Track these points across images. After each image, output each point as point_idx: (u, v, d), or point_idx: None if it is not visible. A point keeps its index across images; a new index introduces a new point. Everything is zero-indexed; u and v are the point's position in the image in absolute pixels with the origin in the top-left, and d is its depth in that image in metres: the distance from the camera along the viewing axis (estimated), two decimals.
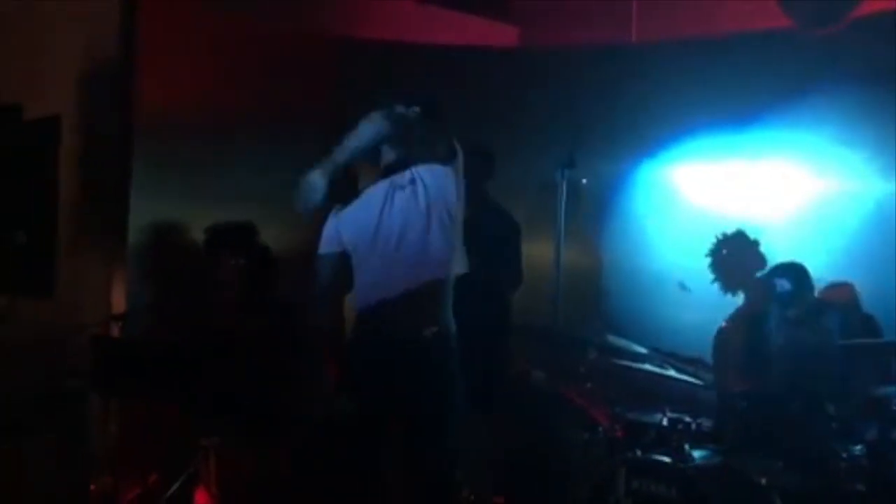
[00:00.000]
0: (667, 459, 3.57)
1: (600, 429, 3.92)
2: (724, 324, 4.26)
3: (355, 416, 3.18)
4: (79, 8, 4.20)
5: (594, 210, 4.78)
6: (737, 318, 4.26)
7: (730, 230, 4.50)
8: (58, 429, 3.98)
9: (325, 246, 3.30)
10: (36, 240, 3.96)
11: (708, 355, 4.12)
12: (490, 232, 4.00)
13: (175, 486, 3.62)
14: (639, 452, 3.66)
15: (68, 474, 3.91)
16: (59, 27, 4.20)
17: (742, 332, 4.07)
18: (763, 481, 3.44)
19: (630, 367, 3.87)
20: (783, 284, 3.85)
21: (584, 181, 4.14)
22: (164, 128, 4.35)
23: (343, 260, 3.26)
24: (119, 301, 4.12)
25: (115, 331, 3.86)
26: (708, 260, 4.52)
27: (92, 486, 3.81)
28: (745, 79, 4.58)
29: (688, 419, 3.69)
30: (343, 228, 3.26)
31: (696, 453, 3.63)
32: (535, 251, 4.34)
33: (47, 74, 4.19)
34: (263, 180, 4.59)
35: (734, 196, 4.71)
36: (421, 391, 3.12)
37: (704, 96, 4.62)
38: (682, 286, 4.63)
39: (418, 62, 4.92)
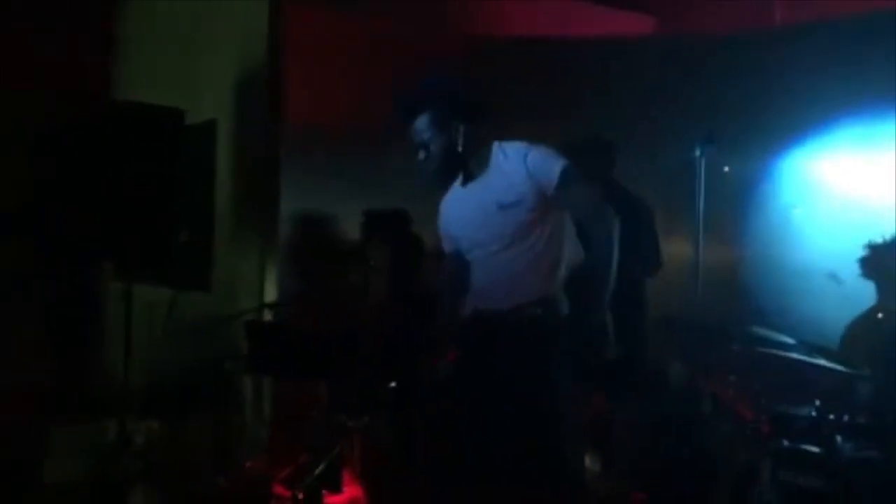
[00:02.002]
0: (816, 450, 3.43)
1: (745, 423, 3.80)
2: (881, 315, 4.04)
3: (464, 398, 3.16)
4: (232, 20, 4.50)
5: (737, 198, 4.65)
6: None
7: None
8: (216, 410, 4.22)
9: (445, 243, 3.31)
10: (196, 238, 4.25)
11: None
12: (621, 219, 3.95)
13: (322, 466, 3.75)
14: (786, 443, 3.53)
15: (225, 452, 4.14)
16: (214, 37, 4.50)
17: None
18: None
19: (777, 357, 3.73)
20: None
21: (727, 169, 4.03)
22: (311, 130, 4.58)
23: (460, 256, 3.24)
24: (271, 291, 4.35)
25: (268, 317, 4.08)
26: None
27: (247, 464, 4.02)
28: None
29: (840, 410, 3.53)
30: (450, 224, 3.26)
31: (849, 446, 3.46)
32: (674, 241, 4.27)
33: (204, 82, 4.50)
34: (406, 178, 4.73)
35: (887, 185, 4.49)
36: (520, 372, 3.05)
37: (853, 80, 4.44)
38: (834, 277, 4.43)
39: (554, 56, 4.96)
